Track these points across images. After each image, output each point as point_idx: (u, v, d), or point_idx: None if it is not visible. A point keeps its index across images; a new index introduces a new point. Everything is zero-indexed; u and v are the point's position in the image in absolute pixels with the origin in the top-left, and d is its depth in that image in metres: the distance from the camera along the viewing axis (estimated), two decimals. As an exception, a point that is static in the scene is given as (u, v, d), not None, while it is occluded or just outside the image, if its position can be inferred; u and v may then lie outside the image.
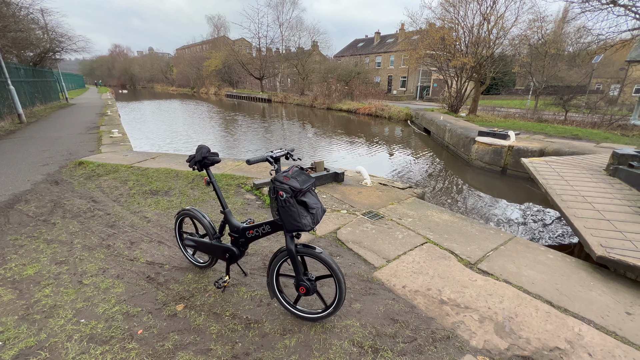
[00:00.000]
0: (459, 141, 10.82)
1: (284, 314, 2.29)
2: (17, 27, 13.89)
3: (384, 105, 23.46)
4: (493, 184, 8.47)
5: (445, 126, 12.56)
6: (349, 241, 3.30)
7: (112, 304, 2.40)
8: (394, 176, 8.96)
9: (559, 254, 3.06)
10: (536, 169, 5.26)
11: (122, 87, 71.77)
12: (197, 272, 2.81)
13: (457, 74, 17.55)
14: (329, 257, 2.04)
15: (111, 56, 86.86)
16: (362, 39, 48.51)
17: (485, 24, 16.07)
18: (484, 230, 3.53)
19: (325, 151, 12.41)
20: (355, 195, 4.52)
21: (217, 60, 48.58)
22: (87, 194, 4.76)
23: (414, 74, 36.64)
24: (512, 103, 26.32)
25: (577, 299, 2.43)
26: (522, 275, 2.71)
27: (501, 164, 8.81)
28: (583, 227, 3.21)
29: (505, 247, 3.18)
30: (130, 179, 5.38)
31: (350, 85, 29.24)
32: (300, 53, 40.60)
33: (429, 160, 11.08)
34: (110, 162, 6.37)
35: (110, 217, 3.97)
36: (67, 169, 6.03)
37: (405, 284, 2.61)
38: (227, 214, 2.41)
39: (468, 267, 2.85)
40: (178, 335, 2.10)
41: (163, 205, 4.30)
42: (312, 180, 2.02)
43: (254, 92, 42.61)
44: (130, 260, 2.98)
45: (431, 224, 3.66)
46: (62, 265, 2.89)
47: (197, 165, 2.35)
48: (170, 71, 71.60)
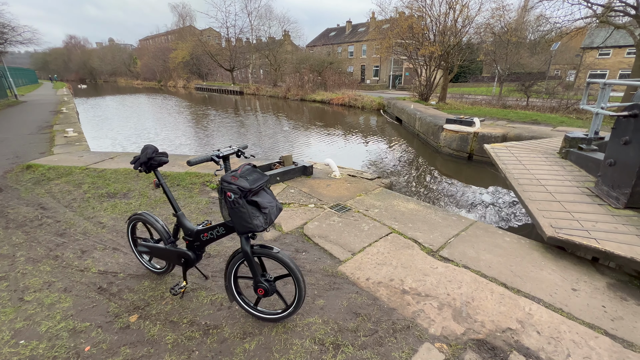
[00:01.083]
0: (429, 129, 11.06)
1: (245, 317, 2.23)
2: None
3: (357, 95, 23.51)
4: (461, 170, 8.76)
5: (415, 115, 12.78)
6: (316, 236, 3.27)
7: (56, 320, 2.22)
8: (365, 166, 9.04)
9: (515, 237, 3.21)
10: (497, 154, 5.47)
11: (81, 82, 66.88)
12: (155, 278, 2.67)
13: (426, 63, 17.85)
14: (287, 257, 1.99)
15: (66, 48, 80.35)
16: (334, 28, 48.06)
17: (451, 13, 16.38)
18: (447, 217, 3.62)
19: (300, 144, 12.29)
20: (324, 189, 4.49)
21: (184, 51, 46.38)
22: (35, 201, 4.39)
23: (386, 63, 36.94)
24: (479, 90, 27.29)
25: (529, 279, 2.56)
26: (480, 259, 2.81)
27: (468, 150, 9.12)
28: (536, 209, 3.37)
29: (466, 232, 3.28)
30: (85, 182, 5.02)
31: (323, 76, 29.00)
32: (271, 43, 39.61)
33: (400, 149, 11.28)
34: (63, 164, 5.91)
35: (61, 224, 3.68)
36: (13, 174, 5.53)
37: (369, 276, 2.62)
38: (179, 216, 2.28)
39: (430, 255, 2.91)
40: (130, 349, 1.98)
41: (120, 209, 4.05)
42: (264, 179, 1.94)
43: (225, 85, 41.25)
44: (80, 271, 2.78)
45: (397, 213, 3.71)
46: (1, 282, 2.64)
47: (142, 167, 2.19)
48: (134, 64, 67.58)
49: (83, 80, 72.68)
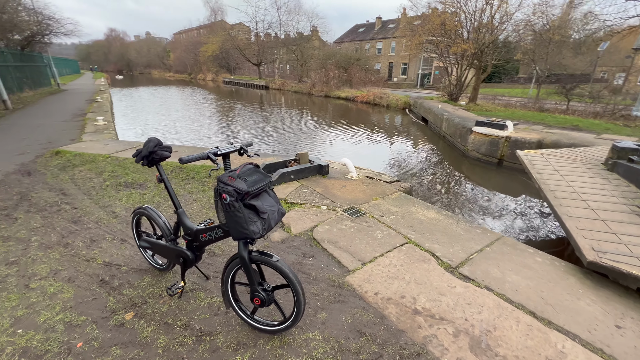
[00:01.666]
0: (456, 131, 10.50)
1: (241, 325, 2.09)
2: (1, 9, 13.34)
3: (383, 93, 22.93)
4: (489, 177, 8.23)
5: (442, 115, 12.20)
6: (325, 240, 3.09)
7: (55, 311, 2.20)
8: (385, 168, 8.71)
9: (547, 257, 2.85)
10: (531, 162, 5.00)
11: (118, 73, 70.45)
12: (156, 275, 2.61)
13: (458, 61, 17.02)
14: (287, 267, 1.83)
15: (107, 41, 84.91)
16: (363, 24, 47.18)
17: (488, 9, 15.45)
18: (470, 229, 3.31)
19: (321, 141, 12.11)
20: (339, 190, 4.29)
21: (214, 45, 47.43)
22: (58, 186, 4.53)
23: (415, 61, 35.76)
24: (514, 91, 25.73)
25: (563, 309, 2.23)
26: (506, 281, 2.51)
27: (497, 156, 8.54)
28: (575, 227, 2.99)
29: (490, 248, 2.96)
30: (106, 170, 5.14)
31: (349, 72, 28.56)
32: (299, 38, 39.55)
33: (424, 151, 10.80)
34: (89, 151, 6.11)
35: (77, 211, 3.75)
36: (43, 159, 5.78)
37: (378, 290, 2.40)
38: (180, 214, 2.18)
39: (448, 271, 2.64)
40: (121, 350, 1.91)
41: (134, 199, 4.08)
42: (266, 181, 1.77)
43: (252, 79, 41.79)
44: (86, 261, 2.77)
45: (414, 222, 3.44)
46: (12, 266, 2.69)
47: (144, 161, 2.10)
48: (167, 56, 70.18)
49: (120, 71, 76.55)
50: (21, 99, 14.16)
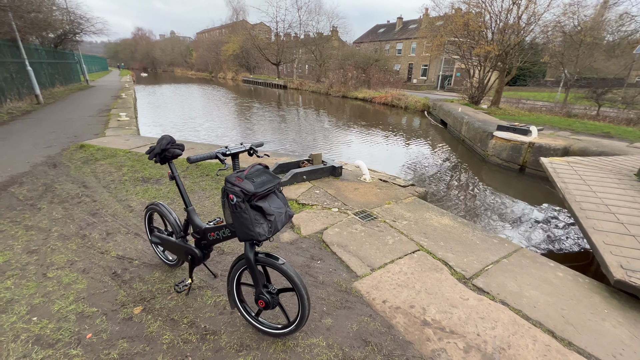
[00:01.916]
0: (476, 135, 10.18)
1: (245, 326, 2.08)
2: (37, 9, 14.06)
3: (401, 94, 22.58)
4: (509, 184, 7.91)
5: (462, 119, 11.86)
6: (334, 244, 3.04)
7: (69, 301, 2.27)
8: (400, 171, 8.54)
9: (570, 273, 2.69)
10: (555, 170, 4.76)
11: (143, 70, 73.02)
12: (166, 270, 2.65)
13: (480, 63, 16.51)
14: (292, 270, 1.80)
15: (134, 39, 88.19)
16: (384, 25, 46.70)
17: (515, 9, 14.89)
18: (486, 238, 3.17)
19: (337, 142, 12.06)
20: (351, 192, 4.23)
21: (235, 44, 48.26)
22: (80, 179, 4.71)
23: (435, 62, 35.04)
24: (540, 95, 24.71)
25: (586, 330, 2.09)
26: (524, 296, 2.38)
27: (520, 162, 8.20)
28: (602, 242, 2.80)
29: (508, 260, 2.82)
30: (126, 165, 5.30)
31: (367, 73, 28.31)
32: (319, 38, 39.59)
33: (442, 155, 10.53)
34: (111, 146, 6.33)
35: (96, 204, 3.88)
36: (68, 152, 6.04)
37: (386, 298, 2.33)
38: (189, 212, 2.19)
39: (462, 282, 2.54)
40: (127, 343, 1.94)
41: (150, 194, 4.17)
42: (274, 182, 1.75)
43: (271, 78, 42.21)
44: (101, 253, 2.85)
45: (428, 228, 3.33)
46: (32, 255, 2.80)
47: (156, 158, 2.12)
48: (190, 55, 72.05)
49: (145, 69, 79.28)
50: (52, 94, 14.90)
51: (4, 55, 10.95)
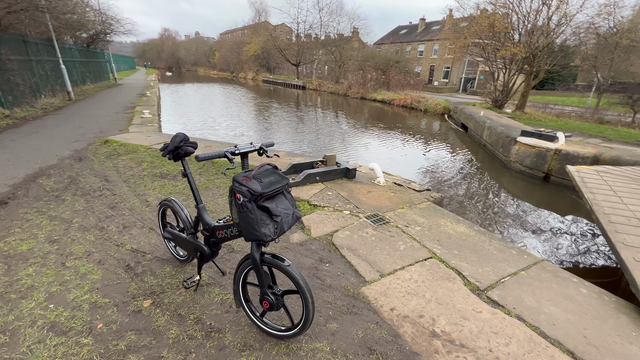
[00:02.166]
0: (498, 140, 9.81)
1: (250, 326, 2.08)
2: (72, 10, 14.83)
3: (421, 96, 22.14)
4: (532, 192, 7.57)
5: (484, 123, 11.48)
6: (344, 247, 3.00)
7: (84, 291, 2.35)
8: (417, 176, 8.35)
9: (595, 290, 2.52)
10: (583, 179, 4.49)
11: (168, 70, 75.57)
12: (176, 265, 2.69)
13: (506, 66, 15.92)
14: (297, 272, 1.78)
15: (161, 39, 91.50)
16: (406, 26, 46.02)
17: (545, 10, 14.26)
18: (504, 249, 3.02)
19: (354, 144, 11.98)
20: (364, 195, 4.16)
21: (257, 45, 49.05)
22: (103, 173, 4.90)
23: (458, 65, 34.14)
24: (569, 100, 23.54)
25: (610, 353, 1.94)
26: (542, 312, 2.24)
27: (544, 170, 7.83)
28: (632, 259, 2.60)
29: (527, 273, 2.68)
30: (146, 161, 5.47)
31: (387, 75, 27.99)
32: (339, 39, 39.54)
33: (461, 160, 10.22)
34: (133, 142, 6.55)
35: (115, 198, 4.02)
36: (94, 147, 6.30)
37: (394, 305, 2.27)
38: (200, 209, 2.22)
39: (475, 293, 2.43)
40: (135, 336, 1.98)
41: (167, 190, 4.28)
42: (282, 183, 1.74)
43: (290, 79, 42.56)
44: (116, 246, 2.94)
45: (442, 235, 3.23)
46: (53, 244, 2.93)
47: (170, 155, 2.16)
48: (213, 55, 73.87)
49: (170, 68, 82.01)
50: (83, 91, 15.67)
51: (40, 54, 11.61)
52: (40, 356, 1.81)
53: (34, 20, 10.86)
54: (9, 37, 9.58)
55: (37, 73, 11.17)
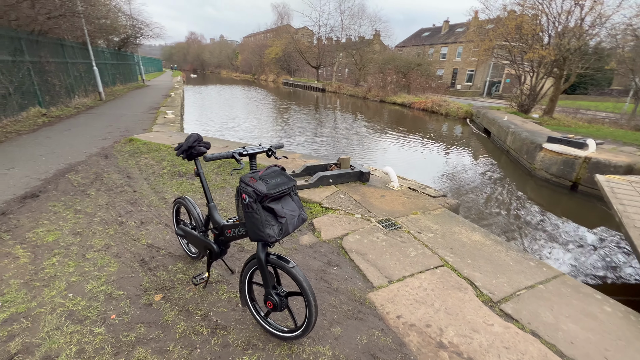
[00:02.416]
0: (522, 146, 9.41)
1: (254, 326, 2.10)
2: (105, 15, 15.68)
3: (443, 100, 21.65)
4: (558, 201, 7.20)
5: (508, 128, 11.05)
6: (353, 251, 2.97)
7: (101, 282, 2.46)
8: (436, 181, 8.15)
9: (620, 308, 2.35)
10: (613, 189, 4.22)
11: (193, 72, 78.15)
12: (188, 262, 2.77)
13: (533, 69, 15.28)
14: (301, 274, 1.78)
15: (187, 43, 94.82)
16: (429, 28, 45.25)
17: (578, 10, 13.58)
18: (522, 260, 2.89)
19: (371, 147, 11.88)
20: (377, 199, 4.11)
21: (278, 48, 49.79)
22: (126, 170, 5.13)
23: (482, 68, 33.14)
24: (603, 105, 22.22)
25: (634, 377, 1.80)
26: (559, 329, 2.12)
27: (572, 178, 7.43)
28: (664, 277, 2.41)
29: (545, 286, 2.55)
30: (166, 159, 5.67)
31: (408, 78, 27.59)
32: (360, 42, 39.44)
33: (482, 166, 9.88)
34: (155, 141, 6.81)
35: (136, 194, 4.19)
36: (119, 145, 6.61)
37: (401, 313, 2.22)
38: (211, 208, 2.27)
39: (487, 305, 2.33)
40: (145, 328, 2.05)
41: (184, 188, 4.41)
42: (289, 185, 1.75)
43: (310, 81, 42.86)
44: (133, 240, 3.06)
45: (455, 243, 3.13)
46: (76, 237, 3.09)
47: (183, 155, 2.23)
48: (236, 58, 75.70)
49: (195, 70, 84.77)
50: (113, 92, 16.49)
51: (75, 57, 12.35)
52: (57, 342, 1.91)
53: (71, 25, 11.56)
54: (48, 41, 10.26)
55: (72, 74, 11.88)
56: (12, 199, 3.90)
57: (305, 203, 3.98)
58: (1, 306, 2.19)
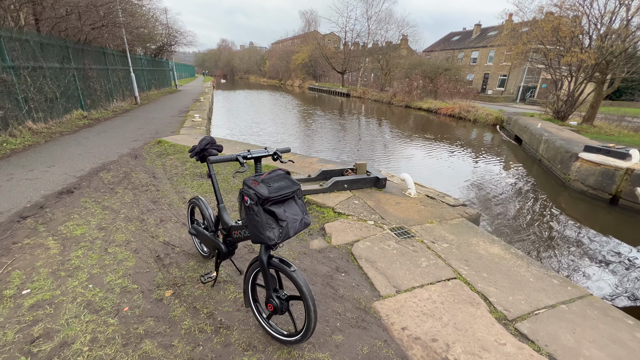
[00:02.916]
0: (556, 155, 8.84)
1: (257, 327, 2.12)
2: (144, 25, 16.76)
3: (471, 106, 20.89)
4: (595, 215, 6.67)
5: (541, 136, 10.44)
6: (363, 258, 2.92)
7: (118, 275, 2.60)
8: (462, 190, 7.84)
9: (656, 336, 2.12)
10: (656, 205, 3.84)
11: (222, 77, 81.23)
12: (200, 260, 2.85)
13: (572, 73, 14.36)
14: (302, 279, 1.78)
15: (219, 50, 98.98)
16: (459, 32, 44.02)
17: (623, 10, 12.63)
18: (543, 276, 2.70)
19: (394, 152, 11.70)
20: (392, 206, 4.03)
21: (305, 54, 50.61)
22: (152, 170, 5.41)
23: (516, 72, 31.63)
24: (654, 113, 20.38)
25: (666, 415, 1.62)
26: (581, 354, 1.95)
27: (612, 191, 6.86)
28: None
29: (568, 307, 2.36)
30: (190, 161, 5.91)
31: (435, 83, 26.94)
32: (386, 47, 39.12)
33: (512, 175, 9.38)
34: (182, 143, 7.14)
35: (159, 193, 4.40)
36: (148, 146, 6.99)
37: (407, 325, 2.15)
38: (220, 209, 2.33)
39: (501, 322, 2.20)
40: (153, 322, 2.13)
41: (203, 189, 4.58)
42: (292, 188, 1.76)
43: (335, 86, 43.09)
44: (151, 237, 3.21)
45: (471, 255, 2.98)
46: (101, 231, 3.30)
47: (197, 156, 2.32)
48: (264, 64, 77.81)
49: (225, 76, 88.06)
50: (147, 96, 17.51)
51: (115, 63, 13.28)
52: (74, 330, 2.04)
53: (112, 35, 12.47)
54: (91, 50, 11.12)
55: (112, 80, 12.77)
56: (50, 194, 4.24)
57: (318, 207, 3.98)
58: (30, 292, 2.37)
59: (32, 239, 3.11)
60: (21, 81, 7.33)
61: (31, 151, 6.26)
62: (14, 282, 2.46)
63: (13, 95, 7.07)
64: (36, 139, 7.07)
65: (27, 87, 7.51)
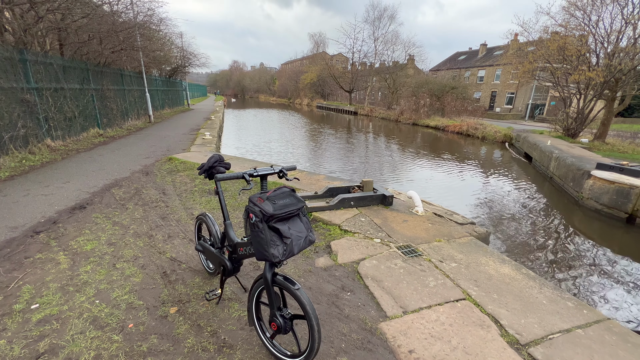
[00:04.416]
0: (568, 173, 8.68)
1: (260, 346, 2.09)
2: (160, 48, 17.59)
3: (479, 123, 20.87)
4: (611, 235, 6.44)
5: (551, 153, 10.31)
6: (369, 277, 2.88)
7: (125, 291, 2.62)
8: (471, 208, 7.71)
9: (681, 366, 2.00)
10: (675, 225, 3.70)
11: (233, 96, 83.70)
12: (205, 277, 2.86)
13: (580, 91, 14.32)
14: (306, 297, 1.76)
15: (230, 70, 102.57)
16: (465, 52, 44.74)
17: (630, 29, 12.69)
18: (557, 299, 2.60)
19: (402, 170, 11.68)
20: (399, 224, 3.99)
21: (313, 74, 51.97)
22: (162, 187, 5.52)
23: (524, 90, 31.72)
24: (668, 130, 19.95)
25: None
26: (600, 383, 1.85)
27: (627, 210, 6.65)
28: None
29: (584, 331, 2.26)
30: (199, 177, 6.02)
31: (442, 101, 27.15)
32: (393, 67, 39.92)
33: (522, 194, 9.21)
34: (192, 160, 7.30)
35: (168, 209, 4.47)
36: (159, 163, 7.17)
37: (414, 348, 2.08)
38: (227, 226, 2.36)
39: (513, 346, 2.11)
40: (157, 340, 2.12)
41: (211, 206, 4.63)
42: (297, 206, 1.78)
43: (342, 105, 43.80)
44: (159, 253, 3.25)
45: (481, 275, 2.91)
46: (111, 247, 3.35)
47: (205, 174, 2.38)
48: (273, 83, 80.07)
49: (236, 95, 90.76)
50: (161, 115, 18.10)
51: (132, 84, 13.87)
52: (79, 346, 2.04)
53: (130, 57, 13.10)
54: (110, 71, 11.68)
55: (128, 100, 13.30)
56: (63, 209, 4.35)
57: (324, 225, 3.97)
58: (38, 307, 2.40)
59: (43, 253, 3.17)
60: (43, 101, 7.70)
61: (48, 168, 6.49)
62: (24, 297, 2.50)
63: (35, 115, 7.42)
64: (54, 156, 7.33)
65: (48, 107, 7.88)
